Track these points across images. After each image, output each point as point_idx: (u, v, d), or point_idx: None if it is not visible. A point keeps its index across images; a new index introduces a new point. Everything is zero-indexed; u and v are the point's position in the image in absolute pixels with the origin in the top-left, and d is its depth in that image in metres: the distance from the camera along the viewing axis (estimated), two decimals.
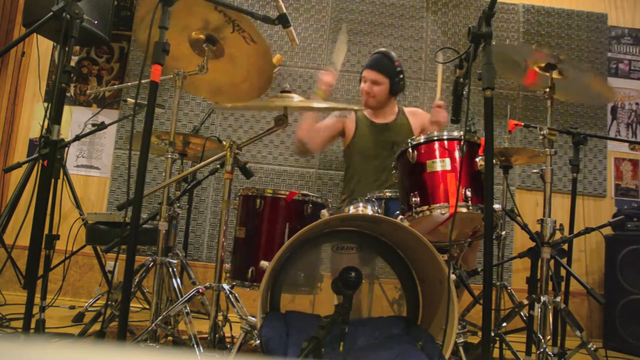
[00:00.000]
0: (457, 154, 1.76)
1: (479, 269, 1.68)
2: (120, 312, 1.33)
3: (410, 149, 1.80)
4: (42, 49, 3.37)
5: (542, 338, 1.78)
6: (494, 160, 2.24)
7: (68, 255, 2.78)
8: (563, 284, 2.18)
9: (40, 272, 1.57)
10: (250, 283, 1.86)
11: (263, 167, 3.31)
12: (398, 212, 1.87)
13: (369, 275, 1.86)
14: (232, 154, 1.76)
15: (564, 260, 2.09)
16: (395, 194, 2.05)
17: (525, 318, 2.13)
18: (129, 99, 3.00)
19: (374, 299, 1.86)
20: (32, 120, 3.39)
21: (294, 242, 1.58)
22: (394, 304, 1.84)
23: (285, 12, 1.76)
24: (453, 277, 1.61)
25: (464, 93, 1.63)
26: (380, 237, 1.80)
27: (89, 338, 2.10)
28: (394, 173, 1.94)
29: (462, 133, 1.74)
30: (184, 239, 3.05)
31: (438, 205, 1.71)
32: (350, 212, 1.84)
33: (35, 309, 1.54)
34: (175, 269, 1.94)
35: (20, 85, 3.41)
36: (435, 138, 1.79)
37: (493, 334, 1.98)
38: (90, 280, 3.19)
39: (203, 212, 3.27)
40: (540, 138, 1.93)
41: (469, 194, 1.69)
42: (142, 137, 1.36)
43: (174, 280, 1.91)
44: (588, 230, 2.14)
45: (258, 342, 1.62)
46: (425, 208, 1.73)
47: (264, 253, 1.87)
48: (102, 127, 2.57)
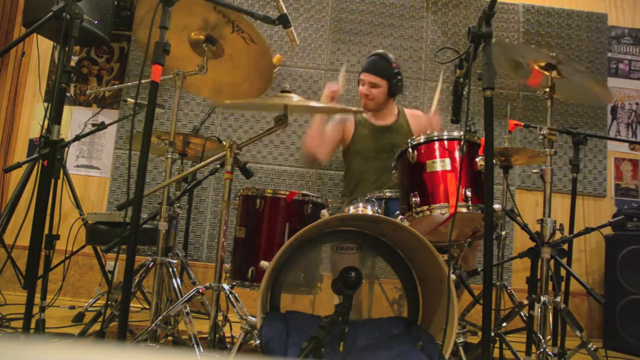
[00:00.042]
0: (457, 154, 1.76)
1: (479, 269, 1.69)
2: (120, 312, 1.33)
3: (410, 149, 1.80)
4: (42, 49, 3.36)
5: (542, 338, 1.78)
6: (494, 160, 2.24)
7: (68, 255, 2.78)
8: (563, 284, 2.18)
9: (40, 272, 1.57)
10: (250, 283, 1.87)
11: (263, 167, 3.31)
12: (398, 212, 1.87)
13: (369, 275, 1.86)
14: (232, 154, 1.76)
15: (564, 260, 2.09)
16: (395, 194, 2.05)
17: (525, 318, 2.13)
18: (129, 99, 3.01)
19: (374, 299, 1.86)
20: (32, 120, 3.39)
21: (294, 242, 1.58)
22: (394, 304, 1.84)
23: (286, 12, 1.76)
24: (453, 277, 1.61)
25: (464, 93, 1.63)
26: (380, 237, 1.80)
27: (89, 338, 2.10)
28: (394, 173, 1.94)
29: (462, 133, 1.74)
30: (184, 239, 3.05)
31: (438, 205, 1.71)
32: (350, 212, 1.84)
33: (35, 309, 1.54)
34: (175, 269, 1.94)
35: (20, 85, 3.41)
36: (435, 138, 1.79)
37: (493, 334, 1.98)
38: (90, 280, 3.19)
39: (203, 212, 3.27)
40: (540, 138, 1.93)
41: (469, 194, 1.69)
42: (142, 137, 1.36)
43: (174, 280, 1.91)
44: (588, 230, 2.14)
45: (258, 342, 1.63)
46: (425, 208, 1.73)
47: (264, 253, 1.87)
48: (102, 127, 2.57)
